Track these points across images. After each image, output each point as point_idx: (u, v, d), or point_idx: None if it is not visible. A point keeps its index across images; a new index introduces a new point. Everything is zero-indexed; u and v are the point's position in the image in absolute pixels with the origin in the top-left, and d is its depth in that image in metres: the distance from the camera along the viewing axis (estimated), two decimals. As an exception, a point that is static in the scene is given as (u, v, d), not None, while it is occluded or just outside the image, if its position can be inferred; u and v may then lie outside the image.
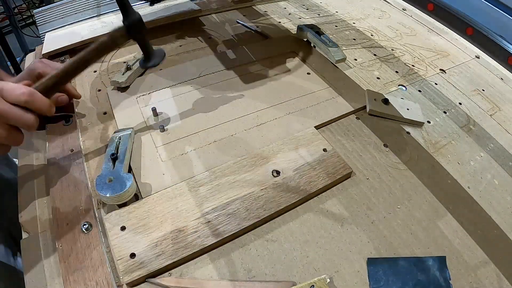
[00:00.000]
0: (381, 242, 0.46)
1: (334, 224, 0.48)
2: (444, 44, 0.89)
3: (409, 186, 0.54)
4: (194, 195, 0.49)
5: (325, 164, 0.53)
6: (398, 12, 1.03)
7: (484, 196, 0.54)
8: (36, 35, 2.14)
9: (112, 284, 0.41)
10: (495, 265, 0.45)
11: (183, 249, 0.43)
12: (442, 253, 0.46)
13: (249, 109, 0.63)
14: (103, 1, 0.86)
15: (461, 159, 0.59)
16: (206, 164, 0.54)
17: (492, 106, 0.72)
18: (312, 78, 0.71)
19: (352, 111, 0.65)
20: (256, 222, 0.47)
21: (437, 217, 0.50)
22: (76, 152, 0.56)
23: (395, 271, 0.43)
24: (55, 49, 0.73)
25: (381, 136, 0.61)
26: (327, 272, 0.43)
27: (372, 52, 0.82)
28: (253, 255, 0.45)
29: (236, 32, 0.86)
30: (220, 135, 0.58)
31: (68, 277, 0.41)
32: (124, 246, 0.43)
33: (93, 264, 0.43)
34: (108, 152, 0.52)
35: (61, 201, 0.50)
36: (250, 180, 0.51)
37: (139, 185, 0.50)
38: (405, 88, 0.73)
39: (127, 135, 0.55)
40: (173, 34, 0.84)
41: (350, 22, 0.94)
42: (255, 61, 0.75)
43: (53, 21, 0.83)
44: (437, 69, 0.80)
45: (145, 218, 0.46)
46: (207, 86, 0.68)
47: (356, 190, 0.52)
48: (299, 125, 0.60)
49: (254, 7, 0.98)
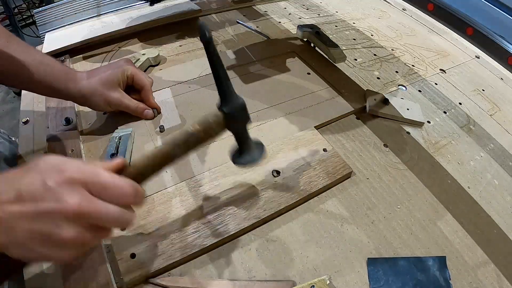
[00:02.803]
0: (381, 242, 0.46)
1: (334, 224, 0.48)
2: (444, 44, 0.89)
3: (409, 186, 0.54)
4: (194, 195, 0.49)
5: (325, 164, 0.53)
6: (398, 12, 1.03)
7: (484, 196, 0.54)
8: (36, 35, 2.14)
9: (112, 284, 0.41)
10: (495, 265, 0.45)
11: (183, 249, 0.43)
12: (442, 253, 0.46)
13: (249, 109, 0.62)
14: (103, 1, 0.86)
15: (461, 159, 0.59)
16: (206, 164, 0.54)
17: (492, 106, 0.72)
18: (312, 78, 0.71)
19: (352, 111, 0.65)
20: (256, 222, 0.47)
21: (437, 217, 0.50)
22: (76, 152, 0.56)
23: (395, 271, 0.43)
24: (55, 49, 0.73)
25: (381, 136, 0.61)
26: (327, 272, 0.43)
27: (372, 52, 0.82)
28: (253, 255, 0.45)
29: (236, 32, 0.86)
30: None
31: (68, 277, 0.41)
32: (124, 246, 0.43)
33: (93, 264, 0.42)
34: (108, 152, 0.52)
35: (61, 201, 0.49)
36: (250, 180, 0.51)
37: (139, 185, 0.50)
38: (405, 88, 0.73)
39: (127, 135, 0.55)
40: (173, 34, 0.84)
41: (350, 22, 0.94)
42: (255, 61, 0.75)
43: (53, 21, 0.83)
44: (437, 69, 0.80)
45: (145, 218, 0.46)
46: (207, 86, 0.68)
47: (356, 190, 0.52)
48: (299, 125, 0.60)
49: (254, 7, 0.98)
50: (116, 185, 0.30)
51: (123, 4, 0.87)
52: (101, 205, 0.29)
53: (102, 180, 0.29)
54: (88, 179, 0.29)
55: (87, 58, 0.75)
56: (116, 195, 0.29)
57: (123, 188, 0.30)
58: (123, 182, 0.30)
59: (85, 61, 0.74)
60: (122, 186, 0.30)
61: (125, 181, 0.30)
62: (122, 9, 0.86)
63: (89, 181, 0.29)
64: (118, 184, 0.30)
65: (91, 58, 0.75)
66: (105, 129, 0.60)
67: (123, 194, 0.30)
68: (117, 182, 0.30)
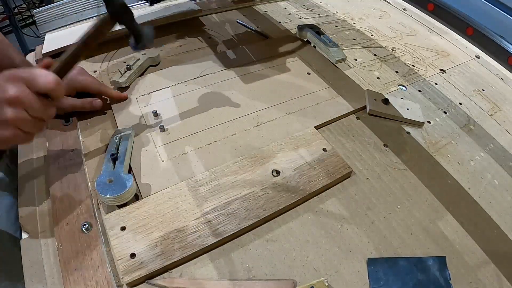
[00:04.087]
0: (381, 242, 0.46)
1: (334, 224, 0.48)
2: (444, 44, 0.89)
3: (409, 186, 0.54)
4: (194, 195, 0.49)
5: (325, 164, 0.53)
6: (398, 12, 1.03)
7: (484, 196, 0.54)
8: (36, 35, 2.14)
9: (112, 284, 0.41)
10: (495, 265, 0.45)
11: (183, 249, 0.43)
12: (442, 253, 0.46)
13: (249, 109, 0.63)
14: (103, 1, 0.86)
15: (461, 159, 0.59)
16: (206, 164, 0.54)
17: (492, 106, 0.72)
18: (312, 78, 0.71)
19: (352, 111, 0.65)
20: (256, 222, 0.47)
21: (437, 217, 0.50)
22: (76, 152, 0.56)
23: (395, 271, 0.43)
24: (55, 49, 0.73)
25: (381, 136, 0.61)
26: (327, 272, 0.43)
27: (372, 52, 0.82)
28: (253, 255, 0.45)
29: (236, 32, 0.86)
30: (220, 135, 0.58)
31: (68, 277, 0.41)
32: (124, 246, 0.43)
33: (93, 264, 0.43)
34: (108, 152, 0.52)
35: (61, 201, 0.50)
36: (250, 180, 0.51)
37: (139, 185, 0.50)
38: (405, 88, 0.73)
39: (127, 135, 0.55)
40: (173, 34, 0.84)
41: (350, 22, 0.94)
42: (255, 61, 0.75)
43: (53, 21, 0.83)
44: (437, 69, 0.80)
45: (145, 218, 0.46)
46: (207, 86, 0.68)
47: (356, 190, 0.52)
48: (299, 125, 0.60)
49: (254, 7, 0.98)
50: (43, 73, 0.40)
51: (123, 4, 0.87)
52: (33, 95, 0.39)
53: (33, 72, 0.40)
54: (25, 75, 0.39)
55: (87, 58, 0.75)
56: (43, 82, 0.40)
57: (44, 75, 0.40)
58: (47, 72, 0.41)
59: (85, 61, 0.74)
60: (46, 74, 0.40)
61: (50, 72, 0.41)
62: (122, 9, 0.86)
63: (25, 77, 0.39)
64: (42, 72, 0.40)
65: (91, 58, 0.75)
66: (105, 129, 0.60)
67: (48, 80, 0.40)
68: (44, 72, 0.41)
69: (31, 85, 0.40)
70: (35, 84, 0.40)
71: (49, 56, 0.74)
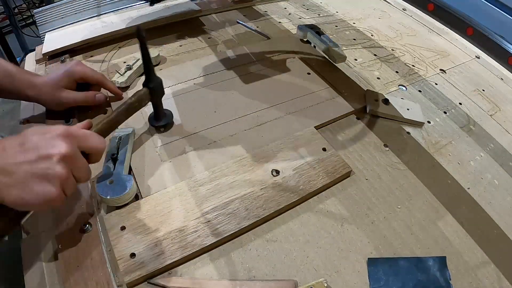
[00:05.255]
0: (381, 242, 0.46)
1: (334, 224, 0.48)
2: (444, 44, 0.89)
3: (409, 186, 0.54)
4: (194, 195, 0.49)
5: (325, 164, 0.53)
6: (398, 12, 1.03)
7: (484, 196, 0.54)
8: (36, 35, 2.14)
9: (112, 284, 0.41)
10: (495, 265, 0.45)
11: (183, 249, 0.43)
12: (442, 253, 0.46)
13: (249, 109, 0.63)
14: (103, 1, 0.86)
15: (461, 159, 0.59)
16: (206, 164, 0.54)
17: (492, 106, 0.72)
18: (312, 78, 0.71)
19: (352, 111, 0.65)
20: (256, 222, 0.47)
21: (437, 217, 0.50)
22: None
23: (395, 271, 0.43)
24: (55, 49, 0.73)
25: (381, 136, 0.61)
26: (327, 272, 0.43)
27: (372, 52, 0.82)
28: (253, 254, 0.45)
29: (236, 32, 0.86)
30: (220, 135, 0.58)
31: (68, 277, 0.41)
32: (124, 246, 0.43)
33: (93, 264, 0.42)
34: (108, 152, 0.52)
35: (61, 201, 0.49)
36: (250, 179, 0.51)
37: (139, 185, 0.50)
38: (405, 88, 0.73)
39: (127, 135, 0.55)
40: (173, 34, 0.84)
41: (350, 22, 0.94)
42: (255, 61, 0.75)
43: (53, 21, 0.83)
44: (437, 69, 0.80)
45: (145, 218, 0.46)
46: (207, 86, 0.68)
47: (356, 190, 0.52)
48: (299, 125, 0.60)
49: (254, 7, 0.98)
50: (92, 134, 0.42)
51: (123, 4, 0.87)
52: (80, 155, 0.40)
53: (86, 132, 0.42)
54: (74, 132, 0.40)
55: (87, 58, 0.75)
56: (95, 143, 0.42)
57: (96, 137, 0.42)
58: (96, 134, 0.43)
59: (85, 61, 0.74)
60: (96, 135, 0.42)
61: (96, 134, 0.43)
62: (122, 9, 0.86)
63: (79, 135, 0.40)
64: (94, 134, 0.42)
65: (91, 58, 0.75)
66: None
67: (98, 141, 0.42)
68: (95, 133, 0.43)
69: (82, 144, 0.40)
70: (87, 145, 0.41)
71: (49, 56, 0.74)
